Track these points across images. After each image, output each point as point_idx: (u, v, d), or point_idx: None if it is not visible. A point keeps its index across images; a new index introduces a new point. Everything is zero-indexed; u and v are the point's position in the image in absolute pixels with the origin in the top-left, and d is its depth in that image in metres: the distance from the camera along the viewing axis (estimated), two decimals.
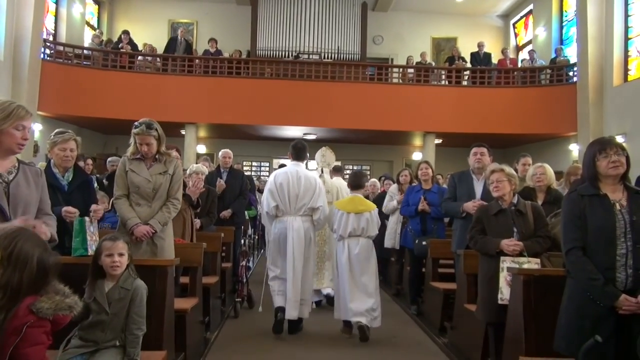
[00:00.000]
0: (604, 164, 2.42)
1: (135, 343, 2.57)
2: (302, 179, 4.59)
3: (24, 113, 2.33)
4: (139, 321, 2.59)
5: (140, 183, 3.48)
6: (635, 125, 9.33)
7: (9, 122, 2.28)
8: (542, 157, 11.51)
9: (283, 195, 4.58)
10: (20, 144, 2.34)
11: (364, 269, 4.48)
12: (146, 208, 3.50)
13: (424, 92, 11.96)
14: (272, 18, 13.85)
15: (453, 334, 4.43)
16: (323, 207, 4.60)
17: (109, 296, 2.56)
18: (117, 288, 2.58)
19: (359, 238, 4.49)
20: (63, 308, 1.86)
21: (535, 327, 2.88)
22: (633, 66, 10.10)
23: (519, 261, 3.30)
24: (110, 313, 2.53)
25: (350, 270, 4.45)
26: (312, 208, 4.57)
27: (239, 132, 12.99)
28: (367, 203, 4.65)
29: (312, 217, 4.60)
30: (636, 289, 2.30)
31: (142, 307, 2.62)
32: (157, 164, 3.55)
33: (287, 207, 4.57)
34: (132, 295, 2.58)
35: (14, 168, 2.38)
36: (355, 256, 4.46)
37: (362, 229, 4.49)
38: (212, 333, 4.48)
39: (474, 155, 4.52)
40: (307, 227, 4.57)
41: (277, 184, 4.61)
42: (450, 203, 4.56)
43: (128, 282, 2.61)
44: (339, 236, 4.57)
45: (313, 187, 4.59)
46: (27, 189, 2.38)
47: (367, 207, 4.57)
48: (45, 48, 10.85)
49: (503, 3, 14.73)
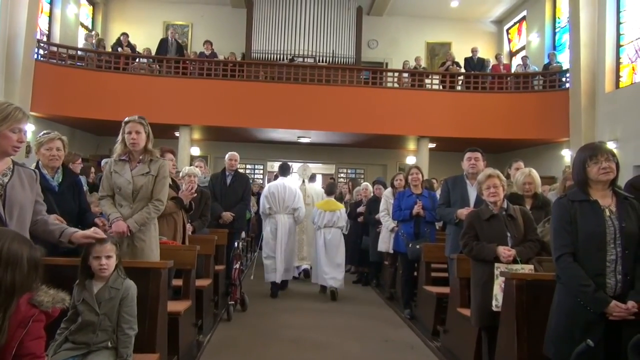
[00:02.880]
0: (595, 170, 2.44)
1: (128, 343, 2.56)
2: (286, 189, 6.67)
3: (21, 115, 2.31)
4: (130, 320, 2.58)
5: (122, 184, 3.47)
6: (626, 131, 9.42)
7: (5, 125, 2.25)
8: (535, 162, 11.62)
9: (274, 200, 6.64)
10: (15, 146, 2.31)
11: (335, 249, 6.52)
12: (127, 209, 3.47)
13: (418, 97, 12.00)
14: (267, 21, 13.86)
15: (446, 337, 4.44)
16: (301, 208, 6.69)
17: (99, 297, 2.55)
18: (106, 288, 2.57)
19: (331, 228, 6.60)
20: (59, 301, 1.90)
21: (527, 331, 2.90)
22: (625, 73, 10.20)
23: (512, 268, 3.31)
24: (100, 313, 2.52)
25: (325, 250, 6.51)
26: (294, 208, 6.65)
27: (233, 134, 12.97)
28: (337, 204, 6.76)
29: (293, 214, 6.65)
30: (625, 294, 2.32)
31: (132, 307, 2.61)
32: (141, 164, 3.51)
33: (277, 208, 6.64)
34: (122, 295, 2.57)
35: (8, 170, 2.35)
36: (329, 241, 6.56)
37: (333, 222, 6.59)
38: (205, 336, 4.46)
39: (468, 160, 4.48)
40: (291, 222, 6.69)
41: (270, 192, 6.68)
42: (444, 209, 4.55)
43: (118, 282, 2.60)
44: (317, 226, 6.66)
45: (294, 194, 6.68)
46: (22, 191, 2.36)
47: (337, 207, 6.72)
48: (38, 48, 10.78)
49: (497, 9, 14.84)
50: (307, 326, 5.03)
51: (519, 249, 3.38)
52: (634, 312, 2.27)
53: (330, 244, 6.53)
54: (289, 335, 4.69)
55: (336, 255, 6.52)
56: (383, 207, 6.55)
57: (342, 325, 5.14)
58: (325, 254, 6.50)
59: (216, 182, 6.32)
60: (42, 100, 10.44)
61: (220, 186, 6.30)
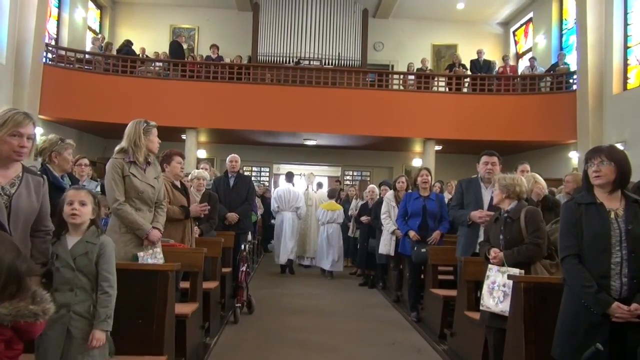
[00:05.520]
0: (590, 173, 2.45)
1: (107, 302, 2.38)
2: (291, 192, 8.88)
3: (21, 119, 2.24)
4: (109, 278, 2.41)
5: (145, 188, 3.40)
6: (634, 133, 9.36)
7: (4, 129, 2.20)
8: (542, 164, 11.59)
9: (281, 200, 8.87)
10: (17, 151, 2.24)
11: (334, 240, 8.43)
12: (147, 213, 3.45)
13: (424, 99, 11.98)
14: (273, 24, 13.90)
15: (453, 340, 4.43)
16: (302, 207, 8.85)
17: (73, 252, 2.39)
18: (82, 243, 2.41)
19: (332, 224, 8.49)
20: (25, 315, 1.71)
21: (535, 334, 2.89)
22: (632, 74, 10.13)
23: (501, 271, 3.32)
24: (75, 269, 2.36)
25: (327, 240, 8.40)
26: (297, 207, 8.79)
27: (239, 137, 13.01)
28: (337, 206, 8.71)
29: (296, 212, 8.78)
30: (631, 297, 2.30)
31: (111, 264, 2.44)
32: (150, 167, 3.49)
33: (284, 206, 8.83)
34: (99, 251, 2.40)
35: (17, 178, 2.29)
36: (330, 234, 8.44)
37: (334, 219, 8.48)
38: (212, 338, 4.48)
39: (485, 165, 4.41)
40: (294, 217, 8.81)
41: (278, 195, 9.02)
42: (457, 211, 4.49)
43: (93, 237, 2.43)
44: (322, 222, 8.57)
45: (297, 197, 8.84)
46: (28, 202, 2.30)
47: (337, 207, 8.64)
48: (47, 52, 10.88)
49: (503, 11, 14.80)
50: (313, 329, 5.03)
51: (507, 252, 3.36)
52: (639, 315, 2.26)
53: (332, 236, 8.42)
54: (295, 337, 4.70)
55: (336, 245, 8.42)
56: (384, 209, 6.53)
57: (349, 328, 5.14)
58: (327, 244, 8.39)
59: (220, 185, 6.36)
60: (50, 104, 10.53)
61: (223, 188, 6.33)
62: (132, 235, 3.38)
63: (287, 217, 8.72)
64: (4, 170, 2.28)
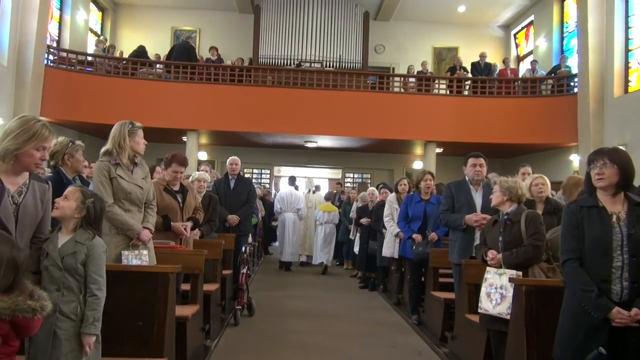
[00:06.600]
0: (593, 176, 2.43)
1: (95, 305, 2.33)
2: (292, 195, 9.72)
3: (47, 134, 2.26)
4: (97, 280, 2.36)
5: (133, 189, 3.39)
6: (635, 136, 9.35)
7: (31, 144, 2.21)
8: (543, 167, 11.57)
9: (284, 202, 9.67)
10: (37, 164, 2.28)
11: (329, 238, 9.50)
12: (137, 214, 3.45)
13: (425, 102, 11.98)
14: (274, 26, 13.91)
15: (454, 343, 4.42)
16: (302, 208, 9.65)
17: (62, 251, 2.34)
18: (71, 242, 2.37)
19: (328, 224, 9.53)
20: (23, 309, 1.72)
21: (537, 337, 2.88)
22: (633, 77, 10.12)
23: (498, 273, 3.32)
24: (63, 268, 2.32)
25: (323, 239, 9.42)
26: (297, 209, 9.58)
27: (240, 139, 13.01)
28: (333, 207, 9.81)
29: (297, 213, 9.57)
30: (632, 301, 2.29)
31: (100, 266, 2.39)
32: (137, 168, 3.48)
33: (285, 208, 9.61)
34: (87, 252, 2.36)
35: (24, 186, 2.29)
36: (327, 233, 9.46)
37: (330, 220, 9.55)
38: (212, 341, 4.47)
39: (473, 167, 4.40)
40: (295, 218, 9.59)
41: (280, 197, 9.84)
42: (450, 215, 4.42)
43: (83, 237, 2.39)
44: (319, 223, 9.58)
45: (298, 199, 9.66)
46: (34, 210, 2.31)
47: (333, 209, 9.72)
48: (48, 54, 10.89)
49: (504, 14, 14.81)
50: (314, 331, 5.02)
51: (505, 254, 3.35)
52: (639, 320, 2.24)
53: (328, 235, 9.47)
54: (296, 340, 4.69)
55: (330, 242, 9.54)
56: (387, 212, 6.53)
57: (349, 331, 5.13)
58: (322, 241, 9.46)
59: (220, 187, 6.37)
60: (51, 105, 10.54)
61: (224, 191, 6.33)
62: (123, 236, 3.38)
63: (289, 217, 9.46)
64: (14, 177, 2.27)
